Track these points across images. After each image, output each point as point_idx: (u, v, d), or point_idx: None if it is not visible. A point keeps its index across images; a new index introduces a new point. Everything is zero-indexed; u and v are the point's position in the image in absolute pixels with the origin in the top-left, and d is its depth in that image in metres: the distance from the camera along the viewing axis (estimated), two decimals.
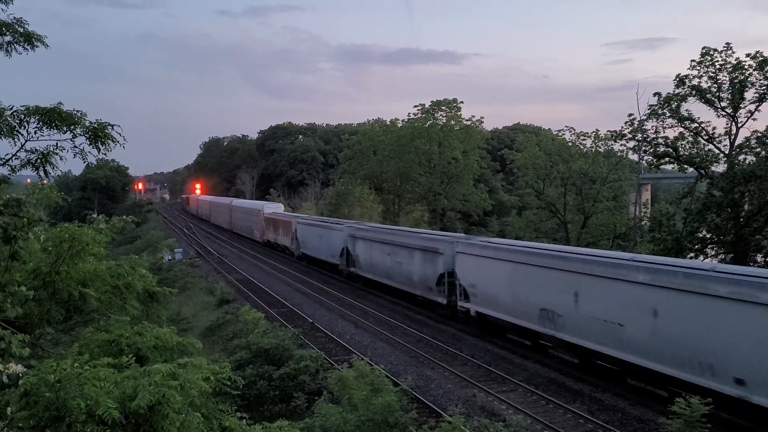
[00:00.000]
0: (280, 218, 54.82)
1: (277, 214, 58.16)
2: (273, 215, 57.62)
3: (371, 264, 34.31)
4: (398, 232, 33.90)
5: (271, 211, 59.24)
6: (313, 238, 43.72)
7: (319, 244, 42.50)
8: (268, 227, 57.33)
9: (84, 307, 8.15)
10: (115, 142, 8.12)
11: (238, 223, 73.06)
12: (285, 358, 19.89)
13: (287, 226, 50.74)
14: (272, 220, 56.50)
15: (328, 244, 40.32)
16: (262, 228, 59.96)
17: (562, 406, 16.56)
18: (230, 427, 5.39)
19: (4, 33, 8.36)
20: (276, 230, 54.65)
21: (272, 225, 56.02)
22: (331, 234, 40.27)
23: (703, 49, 29.63)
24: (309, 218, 49.94)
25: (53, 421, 4.57)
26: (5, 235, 6.82)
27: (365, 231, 36.30)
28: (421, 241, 29.54)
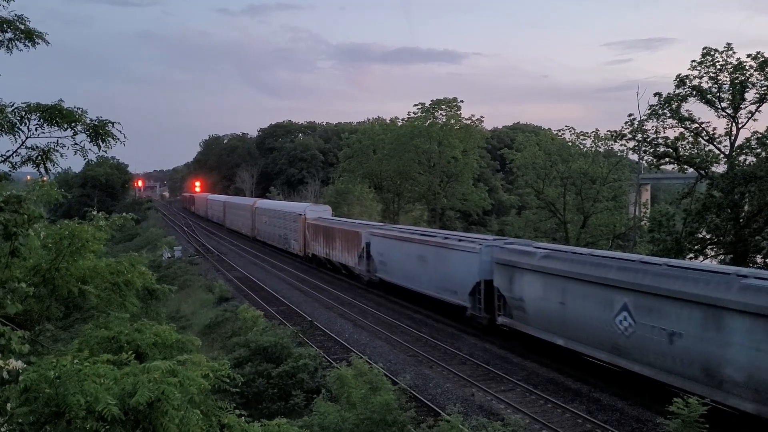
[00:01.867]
0: (337, 226, 40.21)
1: (328, 220, 44.63)
2: (321, 221, 44.12)
3: (564, 323, 19.09)
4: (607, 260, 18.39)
5: (316, 216, 46.29)
6: (407, 259, 29.46)
7: (419, 271, 28.23)
8: (315, 237, 43.81)
9: (83, 304, 8.17)
10: (115, 139, 8.14)
11: (265, 229, 58.98)
12: (284, 356, 19.92)
13: (350, 239, 36.92)
14: (322, 229, 42.46)
15: (443, 273, 26.03)
16: (303, 238, 46.50)
17: (560, 406, 16.58)
18: (229, 425, 5.40)
19: (5, 30, 8.37)
20: (329, 242, 40.81)
21: (322, 235, 42.22)
22: (449, 257, 25.75)
23: (704, 50, 29.61)
24: (393, 229, 34.15)
25: (53, 417, 4.59)
26: (5, 231, 6.83)
27: (545, 257, 20.14)
28: None
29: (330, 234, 40.55)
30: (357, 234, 35.81)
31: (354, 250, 36.35)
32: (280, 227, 53.45)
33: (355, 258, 36.28)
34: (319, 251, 43.17)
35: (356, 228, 36.98)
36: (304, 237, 46.37)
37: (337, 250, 39.41)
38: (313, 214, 46.38)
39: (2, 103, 7.87)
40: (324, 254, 42.05)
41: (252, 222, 64.01)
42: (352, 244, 36.54)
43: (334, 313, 29.10)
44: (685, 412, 12.06)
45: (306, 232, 45.90)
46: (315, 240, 43.81)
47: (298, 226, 47.72)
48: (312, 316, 28.08)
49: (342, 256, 38.55)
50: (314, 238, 44.01)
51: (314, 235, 44.05)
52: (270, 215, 57.33)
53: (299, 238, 47.67)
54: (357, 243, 35.74)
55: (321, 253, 42.68)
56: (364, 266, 34.73)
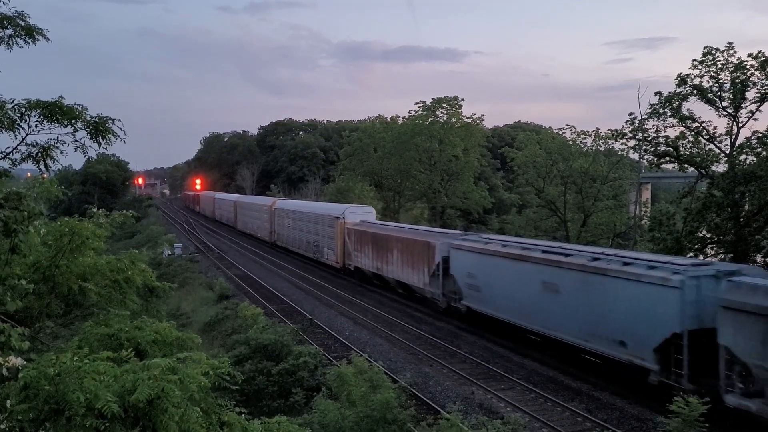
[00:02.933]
0: (395, 234, 32.06)
1: (379, 225, 36.83)
2: (369, 227, 35.84)
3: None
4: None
5: (358, 220, 38.31)
6: (519, 286, 21.17)
7: (545, 305, 19.96)
8: (360, 247, 35.86)
9: (83, 301, 8.16)
10: (115, 136, 8.11)
11: (288, 234, 50.60)
12: (284, 354, 19.94)
13: (417, 251, 28.70)
14: (371, 236, 34.35)
15: (597, 313, 17.97)
16: (341, 246, 38.67)
17: (560, 404, 16.59)
18: (229, 422, 5.39)
19: (5, 26, 8.35)
20: (381, 253, 32.71)
21: (371, 244, 34.17)
22: (610, 289, 17.56)
23: (705, 49, 29.56)
24: (491, 241, 24.88)
25: (52, 415, 4.58)
26: (6, 228, 6.82)
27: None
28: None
29: (384, 243, 32.38)
30: (428, 246, 27.60)
31: (422, 266, 28.14)
32: (309, 232, 44.89)
33: (423, 276, 28.06)
34: (365, 264, 35.06)
35: (426, 237, 28.81)
36: (342, 245, 38.45)
37: (394, 264, 31.22)
38: (354, 218, 38.63)
39: (2, 99, 7.86)
40: (373, 268, 33.97)
41: (271, 225, 55.77)
42: (420, 258, 28.36)
43: (334, 311, 29.11)
44: (686, 410, 12.07)
45: (346, 240, 37.76)
46: (359, 250, 35.84)
47: (334, 232, 39.35)
48: (312, 314, 28.10)
49: (402, 272, 30.39)
50: (358, 248, 35.99)
51: (358, 243, 36.02)
52: (295, 218, 48.60)
53: (335, 247, 39.54)
54: (428, 257, 27.52)
55: (368, 267, 34.67)
56: (438, 288, 26.74)
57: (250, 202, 69.29)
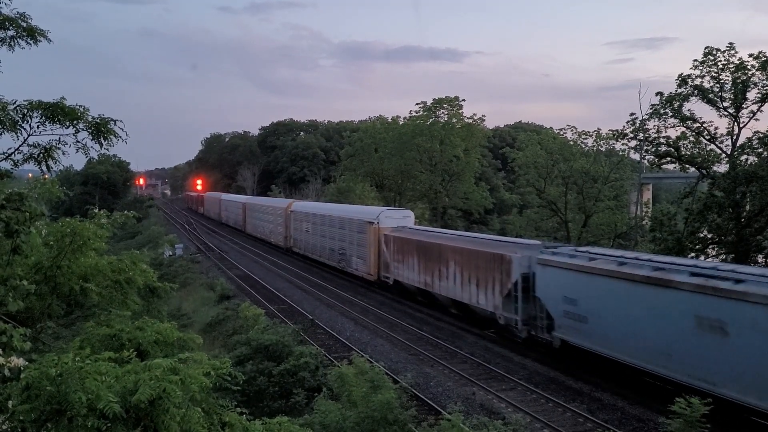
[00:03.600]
0: (451, 243, 26.60)
1: (426, 233, 31.11)
2: (413, 234, 30.73)
3: None
4: None
5: (396, 225, 33.42)
6: (654, 320, 16.04)
7: (704, 349, 14.66)
8: (401, 257, 30.42)
9: (85, 302, 8.17)
10: (117, 137, 8.14)
11: (308, 240, 45.60)
12: (285, 355, 19.94)
13: (486, 264, 23.43)
14: (416, 245, 29.14)
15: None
16: (376, 256, 33.57)
17: (561, 405, 16.58)
18: (230, 423, 5.40)
19: (7, 27, 8.37)
20: (431, 266, 27.44)
21: (416, 254, 28.87)
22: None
23: (706, 49, 29.58)
24: (597, 255, 19.26)
25: (54, 415, 4.59)
26: (7, 229, 6.84)
27: None
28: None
29: (435, 254, 27.12)
30: (501, 259, 22.20)
31: (492, 284, 22.83)
32: (333, 238, 39.91)
33: (492, 297, 22.75)
34: (408, 278, 29.82)
35: (498, 249, 23.11)
36: (377, 254, 33.48)
37: (448, 279, 25.92)
38: (391, 222, 33.68)
39: (4, 100, 7.88)
40: (419, 283, 28.71)
41: (286, 229, 51.07)
42: (489, 274, 22.96)
43: (335, 312, 29.11)
44: (687, 411, 12.06)
45: (382, 248, 32.56)
46: (400, 261, 30.57)
47: (366, 239, 34.44)
48: (313, 314, 28.10)
49: (461, 290, 24.97)
50: (399, 258, 30.72)
51: (399, 253, 30.69)
52: (316, 222, 43.66)
53: (368, 256, 34.43)
54: (501, 273, 22.23)
55: (412, 281, 29.53)
56: (516, 313, 21.32)
57: (262, 203, 63.52)
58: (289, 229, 50.62)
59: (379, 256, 33.32)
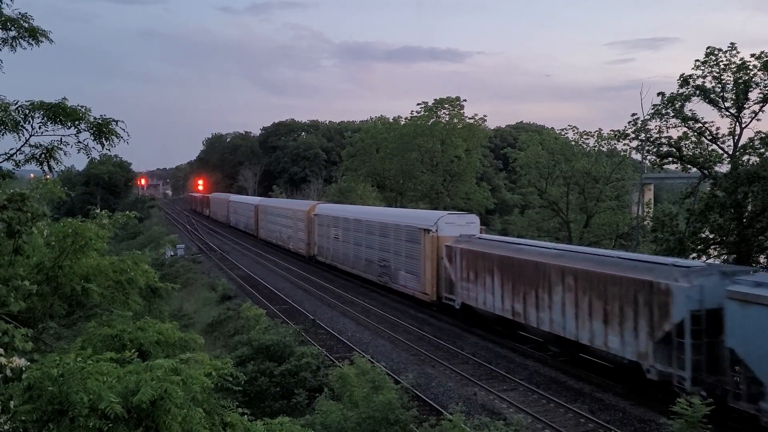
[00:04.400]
0: (558, 263, 19.95)
1: (513, 245, 23.88)
2: (493, 247, 24.03)
3: None
4: None
5: (459, 234, 27.06)
6: None
7: None
8: (477, 275, 24.00)
9: (86, 302, 8.17)
10: (118, 137, 8.15)
11: (336, 249, 40.25)
12: (286, 355, 19.95)
13: (626, 295, 16.94)
14: (500, 261, 22.76)
15: None
16: (437, 271, 27.54)
17: (563, 406, 16.57)
18: (232, 423, 5.40)
19: (9, 28, 8.38)
20: (526, 291, 21.22)
21: (500, 272, 22.63)
22: None
23: (708, 49, 29.55)
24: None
25: (56, 415, 4.59)
26: (9, 229, 6.85)
27: None
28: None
29: (532, 274, 20.74)
30: (652, 288, 16.12)
31: (635, 323, 16.52)
32: (373, 247, 34.17)
33: (639, 342, 16.43)
34: (485, 303, 23.35)
35: (643, 273, 16.75)
36: (435, 270, 27.60)
37: (555, 310, 19.58)
38: (453, 230, 27.50)
39: (6, 101, 7.89)
40: (504, 311, 22.31)
41: (309, 236, 45.94)
42: (629, 308, 16.71)
43: (336, 312, 29.11)
44: (689, 412, 12.05)
45: (444, 263, 26.37)
46: (472, 279, 24.24)
47: (420, 250, 28.67)
48: (314, 314, 28.09)
49: (577, 327, 18.57)
50: (470, 276, 24.40)
51: (470, 270, 24.39)
52: (348, 227, 38.03)
53: (422, 271, 28.55)
54: (652, 308, 16.08)
55: (491, 307, 23.03)
56: (686, 368, 15.05)
57: (279, 206, 57.64)
58: (313, 235, 44.95)
59: (438, 271, 27.31)
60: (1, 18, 8.33)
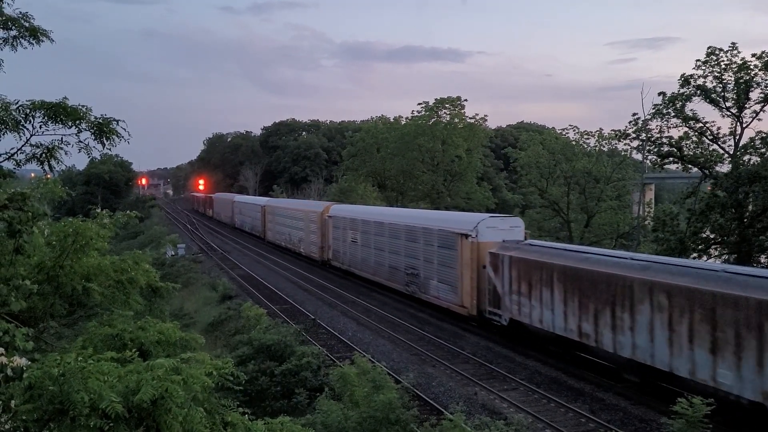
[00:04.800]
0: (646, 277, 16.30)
1: (575, 254, 20.06)
2: (550, 255, 20.61)
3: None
4: None
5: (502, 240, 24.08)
6: None
7: None
8: (531, 288, 20.91)
9: (87, 302, 8.17)
10: (119, 137, 8.15)
11: (353, 254, 37.25)
12: (287, 355, 19.96)
13: (753, 324, 13.25)
14: (563, 273, 19.34)
15: None
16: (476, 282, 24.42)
17: (563, 405, 16.57)
18: (232, 422, 5.39)
19: (9, 28, 8.39)
20: (597, 309, 17.80)
21: (562, 286, 19.35)
22: None
23: (709, 49, 29.57)
24: None
25: (57, 415, 4.59)
26: (10, 228, 6.85)
27: None
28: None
29: (609, 290, 17.42)
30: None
31: (761, 355, 13.37)
32: (398, 253, 31.11)
33: (766, 379, 13.31)
34: (542, 320, 20.29)
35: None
36: (475, 280, 24.30)
37: (640, 333, 16.45)
38: (495, 235, 24.32)
39: (7, 100, 7.89)
40: (568, 330, 19.10)
41: (322, 239, 42.98)
42: (750, 335, 13.57)
43: (337, 312, 29.11)
44: (690, 411, 12.04)
45: (487, 272, 23.31)
46: (525, 293, 21.09)
47: (456, 257, 25.50)
48: (315, 314, 28.09)
49: (671, 354, 15.58)
50: (521, 289, 21.25)
51: (521, 281, 21.30)
52: (368, 230, 34.82)
53: (459, 281, 25.26)
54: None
55: (550, 326, 19.93)
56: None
57: (288, 207, 54.48)
58: (327, 239, 42.03)
59: (479, 282, 24.23)
60: (2, 17, 8.33)
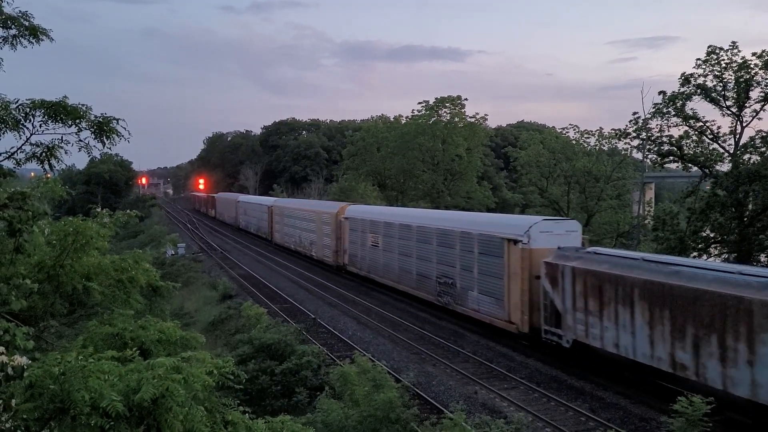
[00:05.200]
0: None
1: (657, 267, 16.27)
2: (624, 268, 17.04)
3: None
4: None
5: (558, 246, 20.70)
6: None
7: None
8: (605, 306, 17.43)
9: (88, 301, 8.17)
10: (119, 136, 8.15)
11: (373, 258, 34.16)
12: (287, 354, 19.97)
13: None
14: (655, 291, 15.68)
15: None
16: (527, 296, 21.19)
17: (563, 404, 16.57)
18: (233, 421, 5.39)
19: (9, 27, 8.39)
20: (699, 338, 14.40)
21: (650, 307, 15.86)
22: None
23: (709, 48, 29.56)
24: None
25: (57, 413, 4.59)
26: (10, 228, 6.86)
27: None
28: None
29: (715, 310, 14.19)
30: None
31: None
32: (428, 260, 27.79)
33: None
34: (618, 344, 17.10)
35: None
36: (525, 292, 21.09)
37: (764, 369, 12.95)
38: (549, 241, 21.03)
39: (7, 99, 7.89)
40: (658, 360, 15.76)
41: (337, 242, 39.62)
42: None
43: (337, 311, 29.12)
44: (689, 410, 12.05)
45: (543, 284, 20.10)
46: (594, 312, 17.84)
47: (505, 266, 22.12)
48: (315, 313, 28.09)
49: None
50: (586, 305, 18.17)
51: (586, 296, 18.18)
52: (391, 234, 31.79)
53: (506, 293, 22.09)
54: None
55: (629, 352, 16.74)
56: None
57: (298, 207, 50.63)
58: (342, 242, 38.61)
59: (531, 295, 20.89)
60: (2, 16, 8.33)
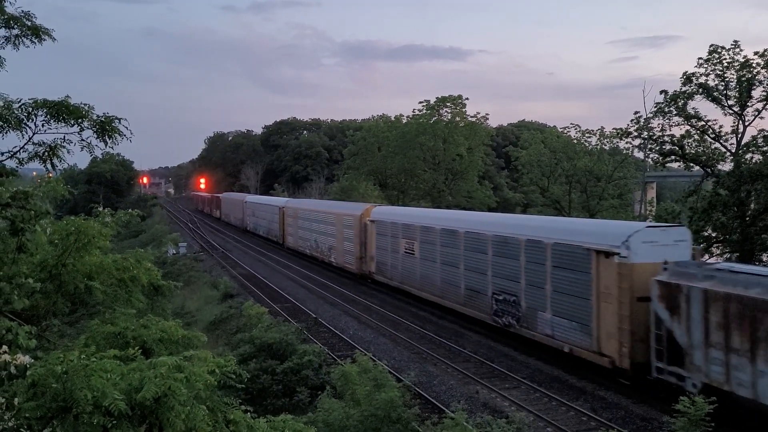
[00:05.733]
0: None
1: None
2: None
3: None
4: None
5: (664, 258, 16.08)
6: None
7: None
8: (755, 345, 12.82)
9: (90, 300, 8.18)
10: (121, 135, 8.16)
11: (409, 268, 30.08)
12: (288, 353, 19.99)
13: None
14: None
15: None
16: (625, 321, 16.59)
17: (564, 404, 16.57)
18: (235, 420, 5.40)
19: (11, 26, 8.40)
20: None
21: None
22: None
23: (711, 47, 29.54)
24: None
25: (60, 412, 4.60)
26: (13, 227, 6.87)
27: None
28: None
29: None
30: None
31: None
32: (482, 271, 23.69)
33: None
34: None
35: None
36: (625, 318, 16.77)
37: None
38: (654, 254, 16.69)
39: (9, 99, 7.90)
40: None
41: (360, 248, 35.77)
42: None
43: (338, 310, 29.13)
44: (691, 410, 12.04)
45: (655, 311, 15.91)
46: (734, 347, 13.59)
47: (589, 285, 18.12)
48: (316, 313, 28.12)
49: None
50: (726, 341, 13.79)
51: (726, 329, 13.79)
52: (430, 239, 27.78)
53: (593, 316, 18.00)
54: None
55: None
56: None
57: (314, 208, 46.35)
58: (368, 247, 34.73)
59: (632, 322, 16.62)
60: (4, 16, 8.34)
